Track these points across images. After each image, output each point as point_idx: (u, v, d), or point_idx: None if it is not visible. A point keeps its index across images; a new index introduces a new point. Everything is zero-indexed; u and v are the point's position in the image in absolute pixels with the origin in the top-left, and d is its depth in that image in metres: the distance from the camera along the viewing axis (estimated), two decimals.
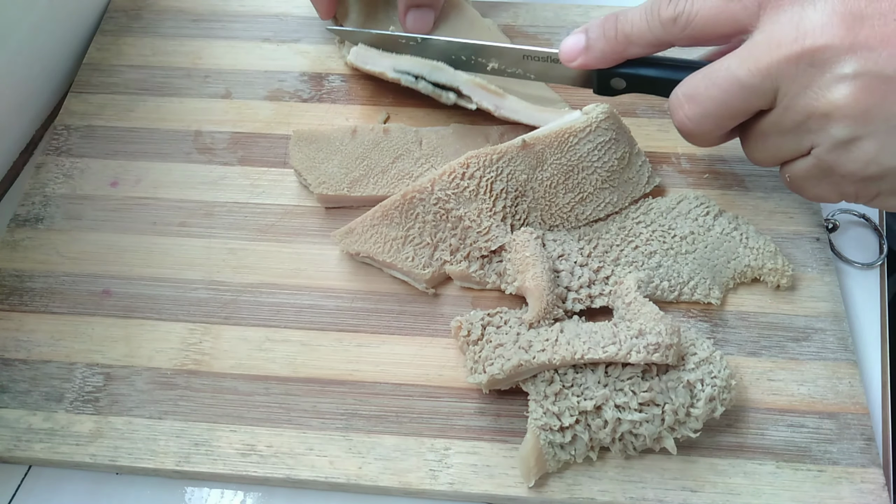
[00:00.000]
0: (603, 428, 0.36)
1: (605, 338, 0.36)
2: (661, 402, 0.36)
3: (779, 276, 0.42)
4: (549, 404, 0.36)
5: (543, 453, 0.36)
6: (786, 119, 0.37)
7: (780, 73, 0.35)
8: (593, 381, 0.36)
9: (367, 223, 0.43)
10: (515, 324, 0.39)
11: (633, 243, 0.43)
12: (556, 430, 0.36)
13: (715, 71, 0.38)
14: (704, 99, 0.38)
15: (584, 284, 0.41)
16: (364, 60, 0.49)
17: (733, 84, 0.37)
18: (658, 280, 0.42)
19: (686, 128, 0.40)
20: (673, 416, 0.36)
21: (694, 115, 0.39)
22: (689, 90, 0.39)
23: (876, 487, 0.37)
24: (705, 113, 0.38)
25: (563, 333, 0.37)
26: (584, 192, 0.44)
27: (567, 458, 0.36)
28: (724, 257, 0.43)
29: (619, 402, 0.36)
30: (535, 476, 0.36)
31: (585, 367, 0.37)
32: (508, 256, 0.42)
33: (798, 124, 0.36)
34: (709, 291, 0.42)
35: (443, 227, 0.42)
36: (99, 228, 0.46)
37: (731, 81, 0.37)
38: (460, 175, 0.42)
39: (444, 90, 0.47)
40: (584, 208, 0.44)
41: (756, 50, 0.36)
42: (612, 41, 0.41)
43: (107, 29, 0.55)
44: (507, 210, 0.43)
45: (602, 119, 0.43)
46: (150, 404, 0.39)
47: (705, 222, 0.44)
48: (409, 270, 0.42)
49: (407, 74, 0.48)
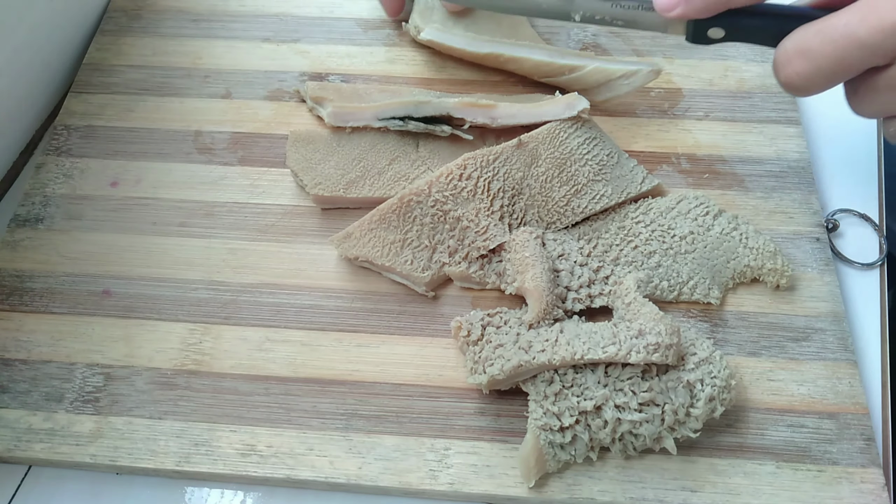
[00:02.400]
0: (603, 428, 0.36)
1: (604, 338, 0.36)
2: (661, 403, 0.36)
3: (778, 276, 0.42)
4: (549, 404, 0.36)
5: (543, 453, 0.36)
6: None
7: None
8: (593, 381, 0.36)
9: (364, 227, 0.43)
10: (515, 324, 0.39)
11: (633, 243, 0.43)
12: (556, 430, 0.36)
13: (831, 27, 0.36)
14: (818, 56, 0.37)
15: (584, 284, 0.41)
16: (344, 119, 0.48)
17: (853, 42, 0.35)
18: (657, 280, 0.42)
19: (794, 83, 0.38)
20: (673, 417, 0.36)
21: (805, 71, 0.37)
22: (801, 45, 0.37)
23: (876, 487, 0.37)
24: (818, 70, 0.37)
25: (562, 334, 0.37)
26: (578, 185, 0.44)
27: (567, 458, 0.36)
28: (724, 257, 0.43)
29: (619, 403, 0.36)
30: (535, 476, 0.36)
31: (585, 368, 0.37)
32: (508, 256, 0.42)
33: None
34: (708, 291, 0.42)
35: (441, 229, 0.42)
36: (99, 228, 0.46)
37: (850, 39, 0.35)
38: (457, 176, 0.42)
39: (437, 124, 0.46)
40: (579, 201, 0.44)
41: (879, 7, 0.35)
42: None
43: (107, 29, 0.55)
44: (505, 209, 0.43)
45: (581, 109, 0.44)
46: (150, 404, 0.39)
47: (705, 222, 0.44)
48: (409, 274, 0.42)
49: (393, 120, 0.47)
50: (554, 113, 0.45)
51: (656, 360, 0.35)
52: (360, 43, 0.54)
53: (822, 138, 0.51)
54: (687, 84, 0.52)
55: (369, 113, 0.47)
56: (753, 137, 0.49)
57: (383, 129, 0.47)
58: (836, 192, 0.48)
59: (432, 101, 0.46)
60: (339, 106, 0.48)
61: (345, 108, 0.48)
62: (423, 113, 0.46)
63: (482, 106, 0.46)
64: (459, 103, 0.46)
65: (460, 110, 0.46)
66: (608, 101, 0.49)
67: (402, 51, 0.54)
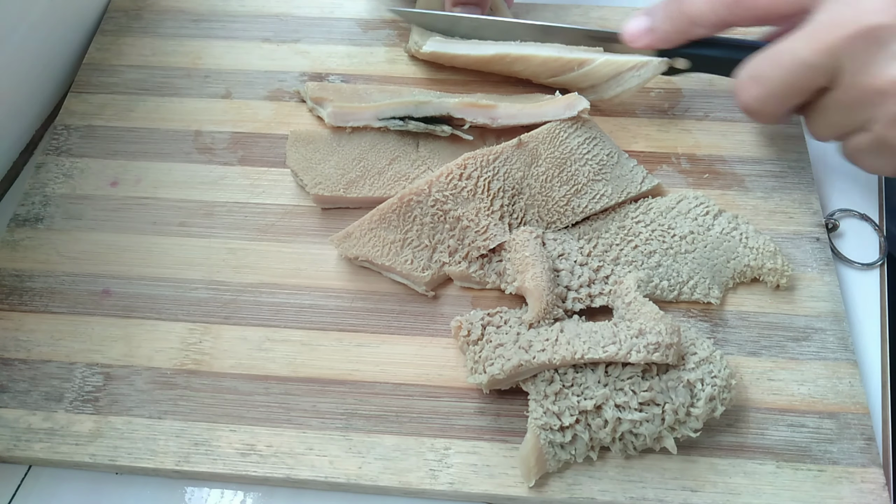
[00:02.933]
0: (603, 427, 0.36)
1: (605, 337, 0.36)
2: (662, 402, 0.36)
3: (778, 275, 0.42)
4: (549, 404, 0.36)
5: (544, 453, 0.36)
6: (847, 96, 0.38)
7: (842, 52, 0.37)
8: (593, 380, 0.36)
9: (364, 227, 0.43)
10: (515, 323, 0.39)
11: (633, 242, 0.43)
12: (557, 429, 0.36)
13: (779, 52, 0.39)
14: (769, 80, 0.39)
15: (584, 284, 0.41)
16: (344, 119, 0.48)
17: (798, 64, 0.38)
18: (658, 279, 0.42)
19: (751, 108, 0.41)
20: (673, 416, 0.36)
21: (759, 95, 0.40)
22: (754, 71, 0.40)
23: (876, 487, 0.37)
24: (771, 93, 0.40)
25: (563, 333, 0.37)
26: (578, 184, 0.44)
27: (567, 457, 0.36)
28: (724, 257, 0.43)
29: (620, 402, 0.36)
30: (535, 475, 0.36)
31: (585, 367, 0.37)
32: (508, 256, 0.42)
33: (858, 100, 0.38)
34: (708, 291, 0.42)
35: (441, 229, 0.42)
36: (99, 228, 0.46)
37: (796, 61, 0.38)
38: (458, 176, 0.42)
39: (437, 124, 0.46)
40: (579, 201, 0.44)
41: (819, 30, 0.37)
42: (677, 22, 0.43)
43: (107, 29, 0.55)
44: (505, 209, 0.43)
45: (581, 109, 0.44)
46: (150, 404, 0.39)
47: (705, 222, 0.44)
48: (409, 273, 0.42)
49: (393, 119, 0.47)
50: (554, 113, 0.45)
51: (657, 360, 0.35)
52: (360, 43, 0.54)
53: None
54: (687, 84, 0.52)
55: (369, 113, 0.47)
56: (753, 137, 0.49)
57: (383, 129, 0.47)
58: (836, 192, 0.48)
59: (432, 101, 0.46)
60: (339, 106, 0.48)
61: (345, 108, 0.48)
62: (423, 113, 0.46)
63: (482, 106, 0.46)
64: (460, 103, 0.46)
65: (460, 110, 0.46)
66: (615, 99, 0.49)
67: (402, 51, 0.54)
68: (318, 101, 0.49)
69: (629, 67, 0.47)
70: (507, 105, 0.46)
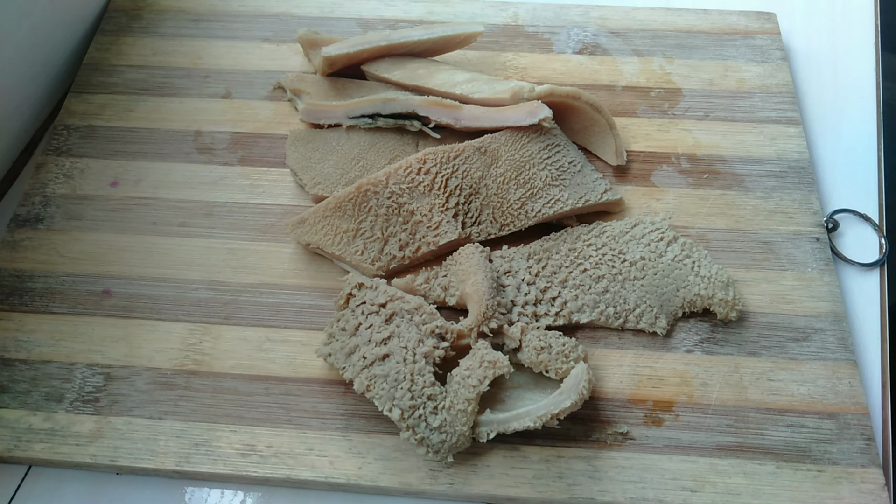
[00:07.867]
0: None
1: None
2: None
3: (728, 308, 0.41)
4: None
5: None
6: None
7: None
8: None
9: (319, 214, 0.43)
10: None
11: (583, 266, 0.42)
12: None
13: None
14: None
15: (530, 302, 0.41)
16: (316, 116, 0.48)
17: None
18: (604, 306, 0.41)
19: None
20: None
21: None
22: None
23: (876, 487, 0.37)
24: None
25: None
26: (534, 188, 0.44)
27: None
28: (674, 285, 0.42)
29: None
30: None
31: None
32: (453, 269, 0.42)
33: None
34: (654, 321, 0.41)
35: (394, 222, 0.42)
36: (99, 228, 0.46)
37: None
38: (416, 170, 0.42)
39: (406, 119, 0.47)
40: (533, 204, 0.43)
41: None
42: None
43: (107, 29, 0.55)
44: (460, 207, 0.43)
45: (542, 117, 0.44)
46: (150, 404, 0.39)
47: (657, 248, 0.43)
48: (358, 264, 0.42)
49: (363, 118, 0.47)
50: (516, 119, 0.45)
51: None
52: None
53: (822, 138, 0.51)
54: (687, 84, 0.52)
55: (340, 111, 0.48)
56: (753, 137, 0.49)
57: (380, 128, 0.48)
58: (836, 192, 0.48)
59: (398, 99, 0.46)
60: (311, 104, 0.48)
61: (316, 105, 0.48)
62: (390, 110, 0.47)
63: (447, 106, 0.46)
64: (424, 101, 0.46)
65: (425, 109, 0.46)
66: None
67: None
68: (296, 92, 0.50)
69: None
70: (471, 107, 0.46)
